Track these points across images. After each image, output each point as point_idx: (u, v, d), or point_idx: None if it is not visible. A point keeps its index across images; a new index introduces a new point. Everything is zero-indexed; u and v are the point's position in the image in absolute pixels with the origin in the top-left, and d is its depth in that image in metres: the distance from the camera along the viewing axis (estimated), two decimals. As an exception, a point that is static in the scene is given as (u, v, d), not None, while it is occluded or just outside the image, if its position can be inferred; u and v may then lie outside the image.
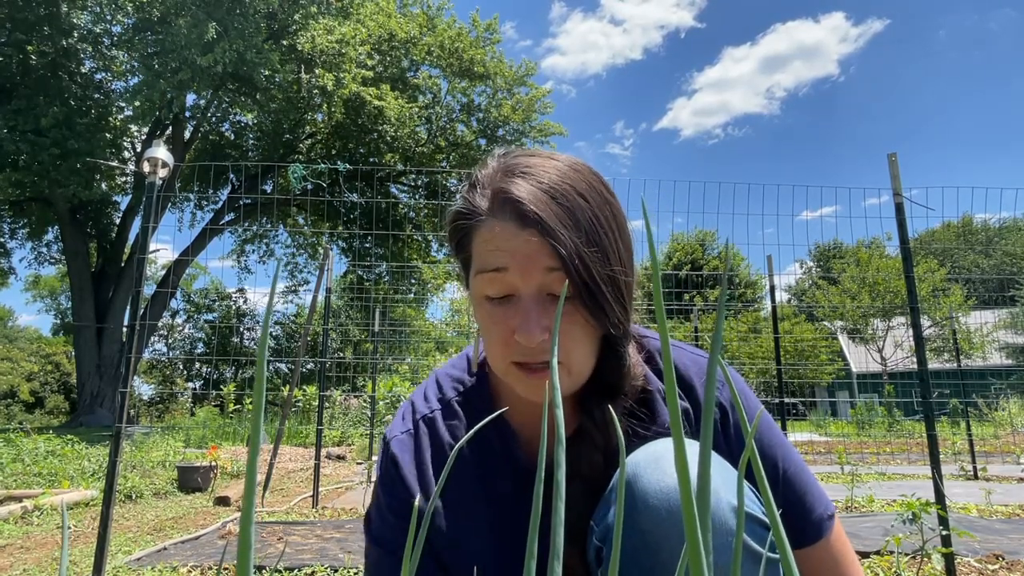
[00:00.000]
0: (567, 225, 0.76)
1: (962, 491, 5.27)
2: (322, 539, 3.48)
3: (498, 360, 0.81)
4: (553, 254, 0.75)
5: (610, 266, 0.78)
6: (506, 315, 0.79)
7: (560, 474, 0.28)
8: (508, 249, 0.77)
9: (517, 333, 0.76)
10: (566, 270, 0.75)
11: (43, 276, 36.03)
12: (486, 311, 0.80)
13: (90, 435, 10.84)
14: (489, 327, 0.80)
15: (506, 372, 0.81)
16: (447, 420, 0.93)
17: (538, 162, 0.81)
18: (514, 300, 0.79)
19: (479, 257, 0.80)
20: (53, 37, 14.50)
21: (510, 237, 0.77)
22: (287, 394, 5.70)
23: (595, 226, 0.78)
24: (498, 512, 0.88)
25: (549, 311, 0.77)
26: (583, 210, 0.78)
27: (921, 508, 2.47)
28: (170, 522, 4.22)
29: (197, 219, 21.05)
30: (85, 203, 17.31)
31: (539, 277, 0.77)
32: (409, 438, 0.92)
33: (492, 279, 0.78)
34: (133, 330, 2.60)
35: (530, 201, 0.76)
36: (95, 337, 17.45)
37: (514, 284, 0.78)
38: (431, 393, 0.96)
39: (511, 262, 0.77)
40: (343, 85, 15.70)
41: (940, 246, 33.25)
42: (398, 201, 20.10)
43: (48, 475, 5.80)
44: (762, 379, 17.59)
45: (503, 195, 0.78)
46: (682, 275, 20.93)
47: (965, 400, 8.13)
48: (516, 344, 0.78)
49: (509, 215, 0.77)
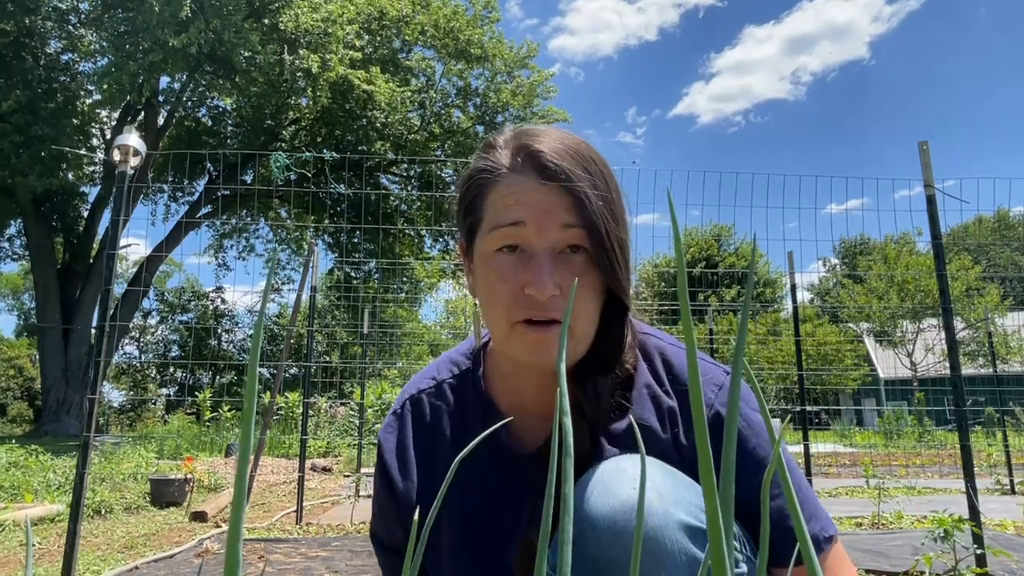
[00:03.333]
0: (587, 182, 0.83)
1: (998, 506, 5.28)
2: (307, 557, 3.48)
3: (502, 322, 0.84)
4: (572, 209, 0.82)
5: (619, 228, 0.85)
6: (516, 270, 0.83)
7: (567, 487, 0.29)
8: (527, 203, 0.82)
9: (529, 287, 0.81)
10: (587, 225, 0.81)
11: (4, 273, 36.04)
12: (495, 268, 0.84)
13: (56, 445, 10.85)
14: (497, 284, 0.84)
15: (509, 335, 0.85)
16: (434, 401, 0.99)
17: (552, 131, 0.90)
18: (526, 255, 0.83)
19: (494, 213, 0.85)
20: (16, 15, 14.48)
21: (530, 191, 0.83)
22: (269, 401, 5.71)
23: (607, 187, 0.85)
24: (473, 495, 0.92)
25: (561, 268, 0.82)
26: (599, 172, 0.85)
27: (954, 525, 2.48)
28: (142, 539, 4.22)
29: (171, 212, 21.07)
30: (50, 194, 17.30)
31: (555, 233, 0.82)
32: (395, 420, 1.00)
33: (506, 234, 0.83)
34: (102, 332, 2.60)
35: (553, 154, 0.83)
36: (61, 339, 17.45)
37: (529, 240, 0.83)
38: (427, 375, 1.03)
39: (529, 216, 0.82)
40: (329, 67, 15.68)
41: (974, 242, 33.29)
42: (389, 193, 20.10)
43: (10, 488, 5.79)
44: (782, 385, 17.61)
45: (526, 150, 0.85)
46: (696, 273, 20.95)
47: (1001, 408, 8.14)
48: (525, 299, 0.82)
49: (531, 168, 0.83)
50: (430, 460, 0.97)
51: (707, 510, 0.25)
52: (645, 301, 28.61)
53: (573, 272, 0.82)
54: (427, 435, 0.98)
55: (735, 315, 19.73)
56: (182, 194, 20.96)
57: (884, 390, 27.55)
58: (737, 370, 0.26)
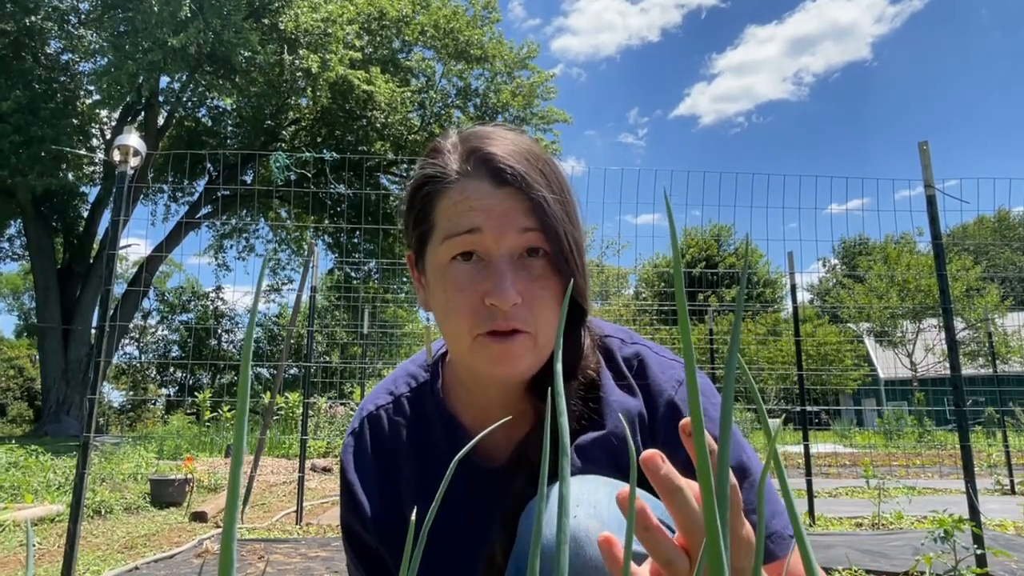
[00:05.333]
0: (542, 184, 0.79)
1: (998, 507, 5.28)
2: (306, 558, 3.48)
3: (463, 336, 0.81)
4: (529, 212, 0.78)
5: (576, 230, 0.82)
6: (475, 279, 0.79)
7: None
8: (483, 208, 0.78)
9: (489, 296, 0.77)
10: (545, 228, 0.78)
11: (4, 273, 36.04)
12: (452, 278, 0.81)
13: (56, 445, 10.85)
14: (455, 296, 0.80)
15: (471, 348, 0.81)
16: (393, 416, 0.96)
17: (501, 132, 0.86)
18: (483, 263, 0.80)
19: (447, 221, 0.81)
20: (16, 15, 14.49)
21: (484, 195, 0.79)
22: (269, 401, 5.71)
23: (561, 188, 0.82)
24: (440, 510, 0.88)
25: (521, 275, 0.79)
26: (552, 173, 0.82)
27: (954, 525, 2.48)
28: (142, 539, 4.22)
29: (171, 212, 21.09)
30: (50, 194, 17.30)
31: (513, 238, 0.79)
32: (353, 439, 0.97)
33: (462, 242, 0.79)
34: (102, 332, 2.60)
35: (506, 157, 0.79)
36: (61, 339, 17.45)
37: (486, 247, 0.79)
38: (383, 389, 1.00)
39: (485, 222, 0.78)
40: (329, 67, 15.68)
41: (975, 242, 33.28)
42: (389, 193, 20.10)
43: (10, 488, 5.79)
44: (782, 385, 17.61)
45: (477, 153, 0.81)
46: (696, 273, 20.96)
47: (1002, 408, 8.14)
48: (486, 311, 0.78)
49: (484, 173, 0.79)
50: (393, 477, 0.93)
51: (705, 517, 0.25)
52: (645, 301, 28.61)
53: (533, 278, 0.80)
54: (388, 452, 0.95)
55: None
56: (182, 194, 20.98)
57: (884, 390, 27.55)
58: (730, 368, 0.26)
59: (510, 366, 0.80)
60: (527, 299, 0.79)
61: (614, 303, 18.30)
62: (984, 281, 25.31)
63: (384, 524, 0.92)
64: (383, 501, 0.93)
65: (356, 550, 0.95)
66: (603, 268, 23.59)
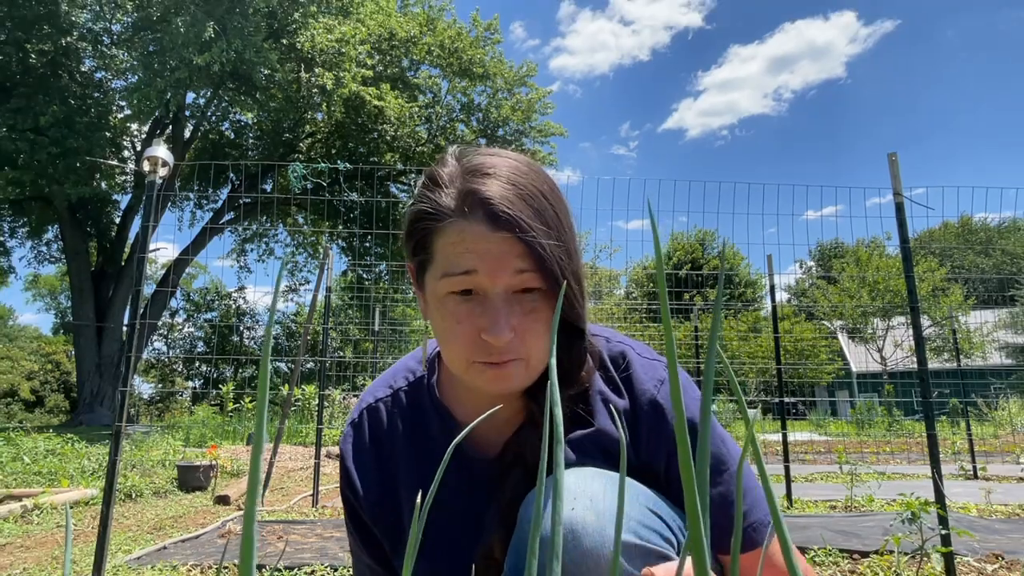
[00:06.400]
0: (538, 225, 0.75)
1: (962, 491, 5.28)
2: (322, 538, 3.48)
3: (460, 360, 0.80)
4: (525, 255, 0.75)
5: (572, 262, 0.79)
6: (471, 314, 0.77)
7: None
8: (478, 251, 0.75)
9: (486, 333, 0.75)
10: (541, 271, 0.75)
11: (43, 275, 36.01)
12: (449, 310, 0.78)
13: (90, 434, 10.84)
14: (452, 326, 0.78)
15: (467, 370, 0.80)
16: (391, 409, 0.95)
17: (500, 161, 0.80)
18: (480, 299, 0.77)
19: (445, 259, 0.78)
20: (53, 36, 14.49)
21: (480, 239, 0.75)
22: (287, 393, 5.71)
23: (559, 224, 0.78)
24: (435, 501, 0.88)
25: (515, 309, 0.77)
26: (548, 209, 0.78)
27: (921, 508, 2.48)
28: (170, 521, 4.22)
29: (197, 218, 21.07)
30: (85, 202, 17.30)
31: (508, 279, 0.76)
32: (352, 430, 0.95)
33: (459, 282, 0.77)
34: (133, 329, 2.60)
35: (502, 201, 0.75)
36: (95, 336, 17.44)
37: (482, 286, 0.77)
38: (383, 383, 0.98)
39: (481, 264, 0.75)
40: (343, 84, 15.68)
41: (940, 246, 33.26)
42: (398, 200, 20.05)
43: (48, 474, 5.80)
44: (762, 379, 17.60)
45: (473, 195, 0.76)
46: (682, 274, 20.95)
47: (965, 400, 8.13)
48: (482, 344, 0.77)
49: (480, 216, 0.75)
50: (390, 467, 0.92)
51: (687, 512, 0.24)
52: (635, 301, 28.61)
53: (526, 311, 0.77)
54: (385, 443, 0.93)
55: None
56: (207, 202, 20.98)
57: (856, 383, 27.53)
58: (710, 364, 0.26)
59: (505, 386, 0.79)
60: (520, 332, 0.77)
61: (606, 302, 18.31)
62: (949, 282, 25.29)
63: (380, 509, 0.92)
64: (380, 488, 0.92)
65: (354, 523, 0.96)
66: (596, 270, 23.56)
